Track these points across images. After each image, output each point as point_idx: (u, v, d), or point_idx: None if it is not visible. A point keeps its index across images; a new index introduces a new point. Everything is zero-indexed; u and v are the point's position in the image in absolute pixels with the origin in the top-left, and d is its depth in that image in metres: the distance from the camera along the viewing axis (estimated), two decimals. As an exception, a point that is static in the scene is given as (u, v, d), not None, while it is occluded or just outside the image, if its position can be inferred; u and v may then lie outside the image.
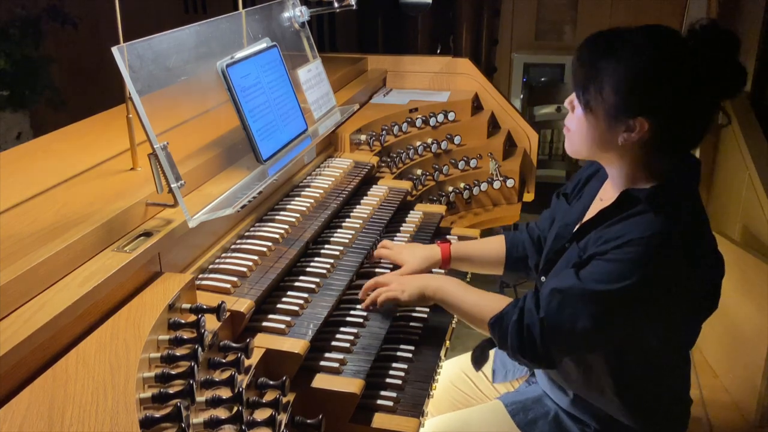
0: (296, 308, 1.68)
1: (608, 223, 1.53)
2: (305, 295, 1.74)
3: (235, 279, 1.67)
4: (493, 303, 1.65)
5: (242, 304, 1.57)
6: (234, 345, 1.46)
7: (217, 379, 1.35)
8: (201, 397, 1.30)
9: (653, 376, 1.63)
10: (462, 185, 2.98)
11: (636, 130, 1.47)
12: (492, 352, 2.02)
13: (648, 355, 1.60)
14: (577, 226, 1.68)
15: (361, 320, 1.80)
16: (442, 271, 2.06)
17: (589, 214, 1.68)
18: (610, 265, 1.46)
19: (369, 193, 2.38)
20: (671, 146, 1.51)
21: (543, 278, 1.72)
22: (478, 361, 1.85)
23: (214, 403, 1.30)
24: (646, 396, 1.63)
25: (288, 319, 1.63)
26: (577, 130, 1.56)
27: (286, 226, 1.95)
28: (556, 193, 1.88)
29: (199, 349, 1.34)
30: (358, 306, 1.84)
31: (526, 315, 1.54)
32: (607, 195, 1.64)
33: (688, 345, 1.66)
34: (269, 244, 1.85)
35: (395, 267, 2.01)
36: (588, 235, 1.57)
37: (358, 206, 2.27)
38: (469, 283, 1.86)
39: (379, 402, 1.62)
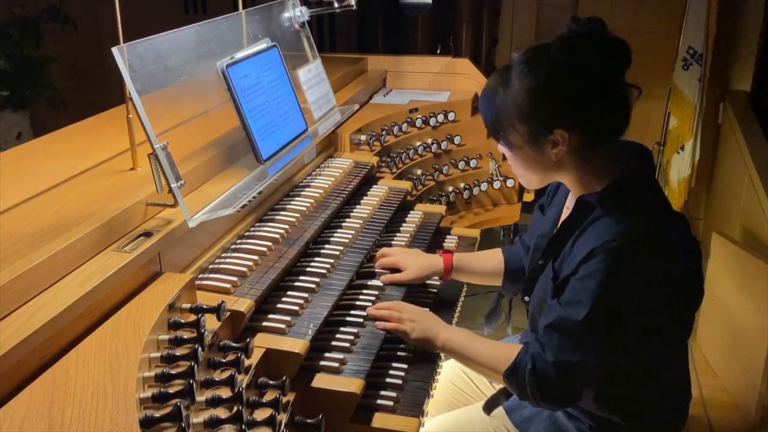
0: (296, 308, 1.68)
1: (574, 236, 1.55)
2: (305, 295, 1.74)
3: (235, 279, 1.68)
4: (503, 353, 1.64)
5: (242, 304, 1.57)
6: (234, 345, 1.46)
7: (217, 379, 1.35)
8: (201, 397, 1.30)
9: (651, 375, 1.62)
10: (462, 185, 2.98)
11: (561, 142, 1.52)
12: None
13: (645, 356, 1.59)
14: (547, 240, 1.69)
15: (361, 320, 1.80)
16: (439, 282, 2.08)
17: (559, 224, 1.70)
18: (584, 282, 1.47)
19: (369, 193, 2.38)
20: (600, 138, 1.54)
21: (527, 298, 1.74)
22: (490, 408, 1.83)
23: (214, 402, 1.30)
24: (643, 397, 1.63)
25: (288, 318, 1.63)
26: (517, 167, 1.64)
27: (286, 226, 1.95)
28: (536, 206, 1.90)
29: (199, 348, 1.34)
30: (359, 305, 1.84)
31: (538, 361, 1.53)
32: (572, 204, 1.66)
33: (682, 337, 1.66)
34: (269, 244, 1.85)
35: (395, 270, 2.00)
36: (561, 253, 1.59)
37: (358, 206, 2.27)
38: (465, 295, 1.85)
39: (379, 402, 1.63)
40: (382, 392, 1.66)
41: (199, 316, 1.43)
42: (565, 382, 1.52)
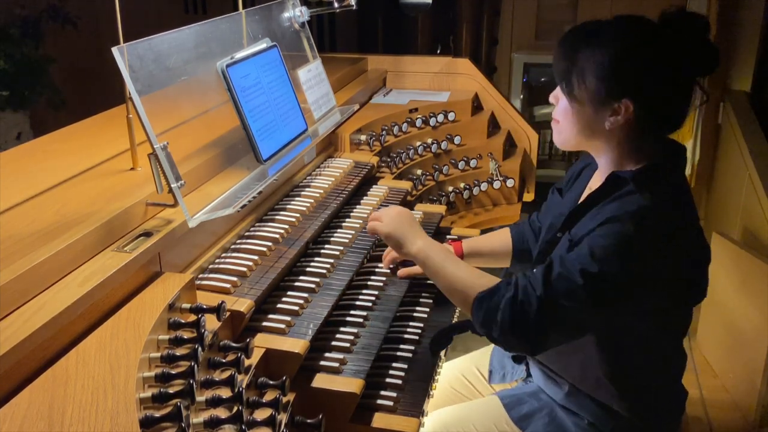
0: (296, 308, 1.68)
1: (597, 207, 1.55)
2: (305, 294, 1.74)
3: (235, 279, 1.68)
4: (481, 279, 1.61)
5: (242, 304, 1.57)
6: (234, 345, 1.46)
7: (217, 379, 1.35)
8: (201, 397, 1.30)
9: (647, 363, 1.63)
10: (462, 185, 2.98)
11: (622, 112, 1.52)
12: (488, 352, 2.03)
13: (642, 342, 1.60)
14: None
15: (361, 320, 1.80)
16: None
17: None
18: (597, 241, 1.47)
19: (369, 193, 2.39)
20: (656, 126, 1.56)
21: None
22: (439, 345, 1.81)
23: (214, 402, 1.30)
24: (640, 384, 1.64)
25: (288, 318, 1.63)
26: (564, 120, 1.62)
27: (286, 226, 1.95)
28: (551, 189, 1.92)
29: (199, 348, 1.34)
30: (358, 305, 1.84)
31: (521, 292, 1.49)
32: (596, 184, 1.66)
33: (680, 332, 1.67)
34: (269, 244, 1.85)
35: (404, 263, 2.01)
36: (578, 223, 1.58)
37: (358, 206, 2.27)
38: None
39: (379, 402, 1.63)
40: (382, 392, 1.66)
41: (199, 316, 1.43)
42: (541, 320, 1.47)
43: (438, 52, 4.84)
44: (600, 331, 1.58)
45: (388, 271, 2.02)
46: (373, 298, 1.90)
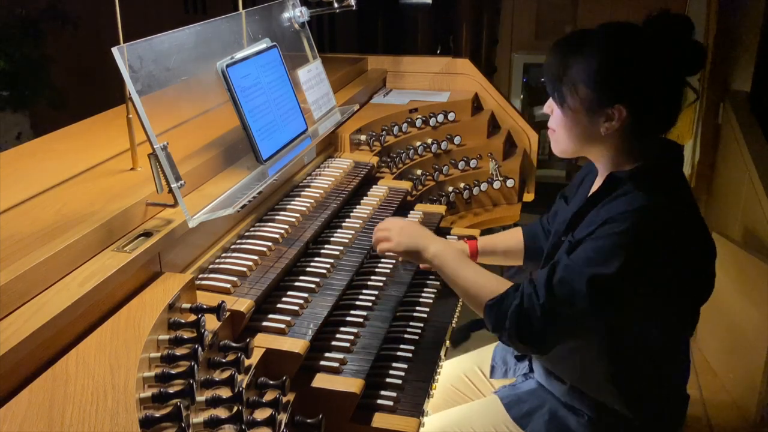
0: (296, 308, 1.68)
1: (597, 208, 1.57)
2: (305, 294, 1.74)
3: (235, 279, 1.68)
4: (492, 284, 1.64)
5: (242, 304, 1.57)
6: (234, 345, 1.46)
7: (217, 379, 1.35)
8: (201, 397, 1.30)
9: (650, 363, 1.63)
10: (462, 185, 2.98)
11: (616, 117, 1.54)
12: (490, 349, 2.03)
13: (645, 341, 1.60)
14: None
15: (361, 320, 1.80)
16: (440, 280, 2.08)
17: None
18: (597, 243, 1.48)
19: (369, 193, 2.39)
20: (650, 127, 1.58)
21: None
22: (457, 341, 1.85)
23: (214, 402, 1.30)
24: (643, 384, 1.64)
25: (288, 318, 1.63)
26: (560, 129, 1.63)
27: (286, 226, 1.95)
28: (559, 195, 1.93)
29: (199, 348, 1.34)
30: (358, 305, 1.84)
31: (526, 300, 1.53)
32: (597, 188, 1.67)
33: (685, 332, 1.67)
34: (269, 244, 1.85)
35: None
36: (580, 225, 1.60)
37: (358, 206, 2.27)
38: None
39: (379, 402, 1.63)
40: (382, 392, 1.66)
41: (199, 316, 1.43)
42: (546, 326, 1.52)
43: (438, 52, 4.84)
44: (600, 332, 1.58)
45: (388, 270, 2.02)
46: (373, 298, 1.90)
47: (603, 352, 1.60)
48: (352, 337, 1.72)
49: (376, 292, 1.93)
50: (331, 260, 1.92)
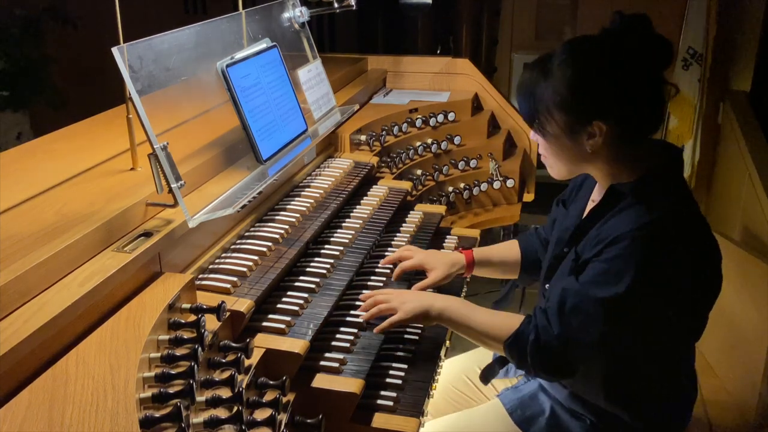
0: (296, 308, 1.68)
1: (600, 222, 1.56)
2: (305, 295, 1.74)
3: (235, 279, 1.68)
4: (504, 322, 1.64)
5: (242, 304, 1.57)
6: (234, 345, 1.46)
7: (217, 379, 1.35)
8: (201, 397, 1.30)
9: (657, 370, 1.63)
10: (462, 185, 2.98)
11: (597, 133, 1.53)
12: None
13: (654, 349, 1.60)
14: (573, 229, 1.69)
15: (361, 320, 1.80)
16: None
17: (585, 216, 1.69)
18: (606, 265, 1.47)
19: (369, 193, 2.38)
20: (637, 131, 1.56)
21: (546, 285, 1.73)
22: (487, 377, 1.84)
23: (214, 402, 1.30)
24: (648, 390, 1.64)
25: (288, 319, 1.63)
26: (550, 155, 1.64)
27: (286, 226, 1.95)
28: (555, 201, 1.91)
29: (199, 349, 1.34)
30: (358, 305, 1.84)
31: (542, 333, 1.54)
32: (598, 196, 1.67)
33: (695, 335, 1.66)
34: (269, 244, 1.85)
35: (419, 274, 2.00)
36: (584, 238, 1.59)
37: (358, 206, 2.27)
38: (465, 296, 1.86)
39: (379, 402, 1.63)
40: (382, 392, 1.66)
41: (199, 316, 1.43)
42: (567, 356, 1.53)
43: (438, 52, 4.83)
44: (617, 346, 1.57)
45: (388, 270, 2.02)
46: (373, 298, 1.89)
47: (609, 364, 1.60)
48: (352, 337, 1.72)
49: (376, 292, 1.92)
50: (331, 260, 1.92)
